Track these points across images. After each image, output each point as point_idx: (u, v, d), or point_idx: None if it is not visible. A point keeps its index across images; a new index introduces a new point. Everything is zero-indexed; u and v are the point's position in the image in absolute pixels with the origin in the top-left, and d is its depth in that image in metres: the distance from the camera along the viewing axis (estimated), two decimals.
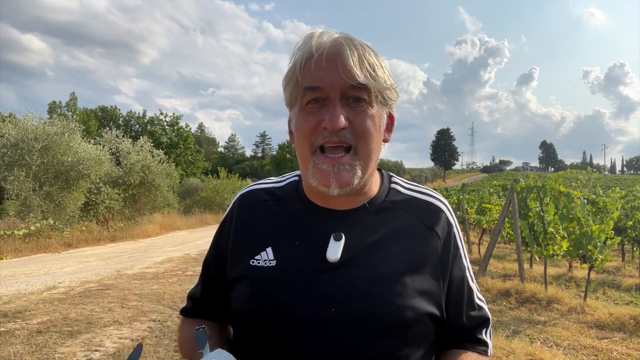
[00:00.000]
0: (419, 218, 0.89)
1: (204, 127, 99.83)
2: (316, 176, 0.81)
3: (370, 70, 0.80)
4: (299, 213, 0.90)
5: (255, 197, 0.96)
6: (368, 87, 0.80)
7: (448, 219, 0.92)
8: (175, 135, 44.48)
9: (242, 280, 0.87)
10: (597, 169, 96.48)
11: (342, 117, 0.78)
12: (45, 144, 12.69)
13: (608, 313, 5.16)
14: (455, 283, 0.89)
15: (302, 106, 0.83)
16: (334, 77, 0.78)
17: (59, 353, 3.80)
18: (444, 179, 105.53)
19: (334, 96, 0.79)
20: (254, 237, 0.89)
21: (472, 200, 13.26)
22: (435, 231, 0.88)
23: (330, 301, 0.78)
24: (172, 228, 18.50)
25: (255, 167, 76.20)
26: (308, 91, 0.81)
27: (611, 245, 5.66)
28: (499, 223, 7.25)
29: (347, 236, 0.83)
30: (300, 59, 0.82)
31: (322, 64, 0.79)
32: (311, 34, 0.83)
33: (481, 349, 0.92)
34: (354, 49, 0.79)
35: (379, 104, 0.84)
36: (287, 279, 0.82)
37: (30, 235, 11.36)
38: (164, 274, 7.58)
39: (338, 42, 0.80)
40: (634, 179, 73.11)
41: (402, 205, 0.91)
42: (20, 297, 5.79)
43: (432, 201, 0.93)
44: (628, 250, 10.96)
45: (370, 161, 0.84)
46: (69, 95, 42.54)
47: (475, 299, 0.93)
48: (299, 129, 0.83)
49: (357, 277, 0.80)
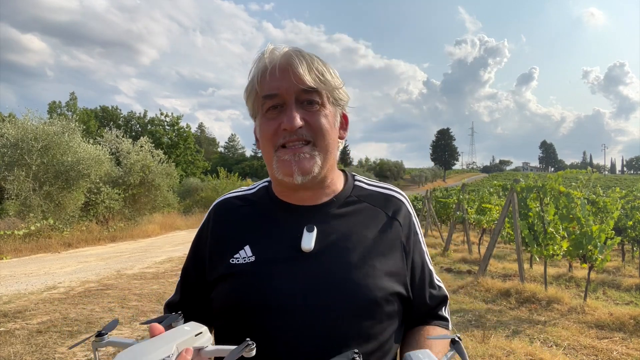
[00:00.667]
0: (383, 208, 0.99)
1: (204, 127, 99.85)
2: (280, 168, 0.89)
3: (319, 75, 0.89)
4: (272, 212, 0.97)
5: (230, 205, 1.03)
6: (318, 90, 0.89)
7: (408, 209, 1.03)
8: (176, 135, 44.52)
9: (223, 279, 0.92)
10: (597, 169, 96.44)
11: (298, 117, 0.87)
12: (45, 144, 12.69)
13: (608, 313, 5.15)
14: (417, 265, 0.98)
15: (263, 113, 0.92)
16: (288, 84, 0.87)
17: (59, 353, 3.80)
18: (444, 179, 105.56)
19: (290, 101, 0.88)
20: (232, 240, 0.95)
21: (472, 200, 13.26)
22: (398, 220, 0.98)
23: (308, 287, 0.85)
24: (172, 228, 18.50)
25: (255, 167, 76.17)
26: (267, 99, 0.90)
27: (611, 245, 5.65)
28: (499, 223, 7.25)
29: (318, 227, 0.91)
30: (257, 73, 0.90)
31: (276, 74, 0.88)
32: (264, 50, 0.92)
33: (443, 323, 1.02)
34: (303, 59, 0.89)
35: (332, 104, 0.93)
36: (265, 270, 0.88)
37: (31, 235, 11.37)
38: (164, 274, 7.58)
39: (288, 54, 0.89)
40: (634, 179, 73.16)
41: (367, 198, 1.01)
42: (20, 297, 5.79)
43: (393, 194, 1.04)
44: (628, 250, 10.96)
45: (329, 153, 0.92)
46: (69, 95, 42.46)
47: (435, 279, 1.03)
48: (263, 133, 0.92)
49: (330, 264, 0.88)
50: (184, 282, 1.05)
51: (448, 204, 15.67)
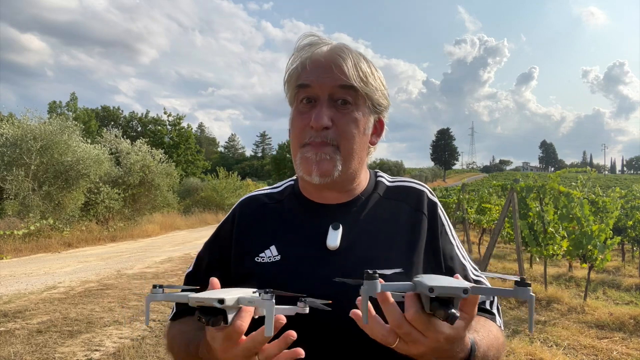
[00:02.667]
0: (405, 202, 0.97)
1: (204, 127, 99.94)
2: (302, 165, 0.88)
3: (361, 74, 0.86)
4: (297, 211, 0.96)
5: (256, 201, 1.01)
6: (355, 89, 0.85)
7: (431, 199, 0.98)
8: (177, 135, 44.54)
9: (248, 278, 0.90)
10: (597, 169, 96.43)
11: (327, 117, 0.84)
12: (44, 143, 12.67)
13: (608, 313, 5.16)
14: (446, 257, 0.93)
15: (297, 105, 0.90)
16: (325, 78, 0.85)
17: (59, 353, 3.80)
18: (444, 179, 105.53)
19: (323, 97, 0.86)
20: (257, 238, 0.94)
21: (472, 200, 13.26)
22: (422, 211, 0.95)
23: (333, 284, 0.83)
24: (172, 228, 18.50)
25: (255, 166, 76.21)
26: (300, 89, 0.88)
27: (611, 245, 5.66)
28: (499, 223, 7.25)
29: (344, 225, 0.90)
30: (300, 61, 0.88)
31: (318, 66, 0.86)
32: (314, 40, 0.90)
33: (487, 315, 0.92)
34: (349, 56, 0.86)
35: (368, 109, 0.90)
36: (292, 269, 0.88)
37: (31, 235, 11.36)
38: (164, 274, 7.58)
39: (337, 48, 0.87)
40: (634, 179, 73.15)
41: (389, 194, 0.98)
42: (21, 297, 5.79)
43: (413, 186, 1.01)
44: (628, 250, 10.94)
45: (352, 159, 0.90)
46: (69, 96, 42.57)
47: (470, 273, 0.95)
48: (293, 126, 0.91)
49: (355, 261, 0.86)
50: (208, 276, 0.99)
51: (448, 203, 15.66)
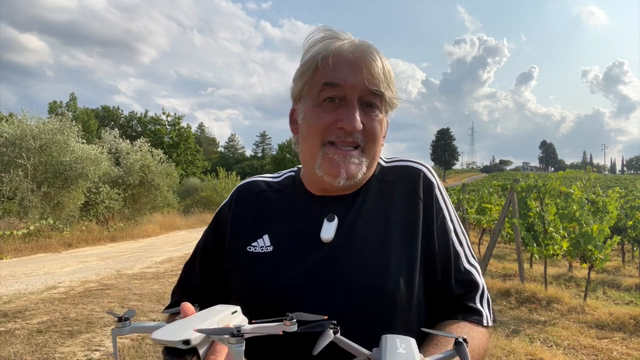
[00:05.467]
0: (401, 183, 0.92)
1: (203, 127, 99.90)
2: (325, 166, 0.85)
3: (388, 79, 0.85)
4: (295, 201, 0.94)
5: (254, 187, 1.00)
6: (384, 95, 0.85)
7: (428, 179, 0.93)
8: (177, 135, 44.56)
9: (239, 267, 0.89)
10: (597, 169, 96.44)
11: (359, 120, 0.82)
12: (43, 143, 12.65)
13: (608, 313, 5.16)
14: (441, 245, 0.87)
15: (318, 102, 0.85)
16: (356, 80, 0.82)
17: (59, 353, 3.80)
18: (444, 179, 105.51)
19: (352, 98, 0.83)
20: (251, 226, 0.92)
21: (472, 200, 13.27)
22: (417, 194, 0.90)
23: (326, 276, 0.82)
24: (172, 228, 18.51)
25: (255, 166, 76.18)
26: (327, 86, 0.83)
27: (611, 245, 5.66)
28: (499, 223, 7.25)
29: (339, 217, 0.88)
30: (323, 55, 0.83)
31: (345, 64, 0.82)
32: (332, 34, 0.86)
33: (475, 318, 0.84)
34: (379, 58, 0.84)
35: (385, 110, 0.89)
36: (283, 261, 0.86)
37: (30, 235, 11.36)
38: (164, 274, 7.58)
39: (364, 47, 0.84)
40: (634, 179, 73.09)
41: (384, 175, 0.94)
42: (21, 297, 5.79)
43: (410, 165, 0.95)
44: (628, 250, 10.94)
45: (374, 161, 0.91)
46: (69, 96, 42.64)
47: (464, 263, 0.88)
48: (313, 123, 0.86)
49: (349, 253, 0.84)
50: (204, 263, 0.98)
51: None
